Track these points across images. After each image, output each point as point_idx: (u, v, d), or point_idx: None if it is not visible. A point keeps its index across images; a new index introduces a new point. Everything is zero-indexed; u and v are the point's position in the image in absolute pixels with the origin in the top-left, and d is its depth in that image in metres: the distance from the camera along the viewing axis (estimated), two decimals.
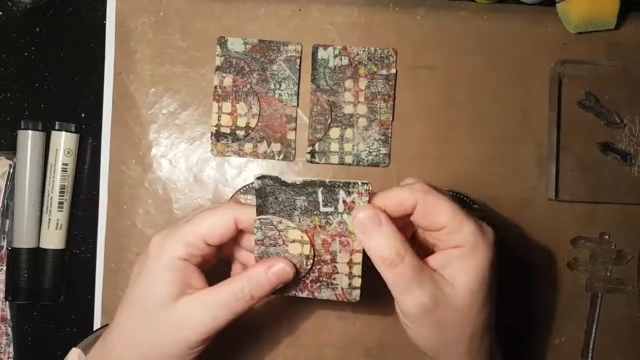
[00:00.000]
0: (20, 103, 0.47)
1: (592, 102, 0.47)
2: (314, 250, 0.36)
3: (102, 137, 0.47)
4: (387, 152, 0.47)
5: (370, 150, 0.47)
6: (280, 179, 0.34)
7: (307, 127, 0.47)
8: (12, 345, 0.47)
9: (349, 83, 0.47)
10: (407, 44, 0.47)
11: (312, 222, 0.35)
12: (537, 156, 0.48)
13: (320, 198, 0.34)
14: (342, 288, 0.37)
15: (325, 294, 0.37)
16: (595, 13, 0.45)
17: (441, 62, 0.47)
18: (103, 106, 0.47)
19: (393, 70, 0.47)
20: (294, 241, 0.36)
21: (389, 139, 0.47)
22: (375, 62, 0.47)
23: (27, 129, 0.45)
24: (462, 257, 0.34)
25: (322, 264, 0.36)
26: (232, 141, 0.47)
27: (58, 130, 0.46)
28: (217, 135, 0.47)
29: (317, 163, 0.47)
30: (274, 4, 0.47)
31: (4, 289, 0.46)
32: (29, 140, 0.46)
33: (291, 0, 0.47)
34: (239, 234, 0.36)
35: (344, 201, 0.34)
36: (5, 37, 0.47)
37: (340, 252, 0.36)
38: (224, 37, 0.47)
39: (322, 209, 0.35)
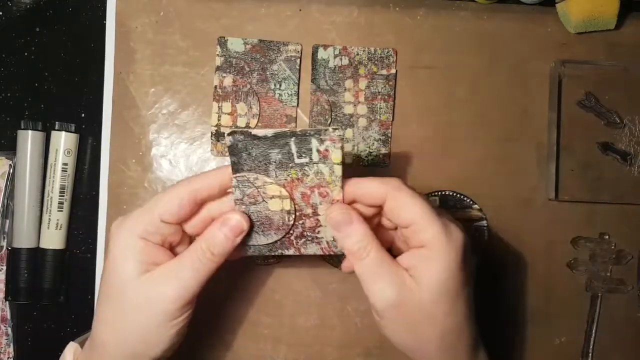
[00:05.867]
0: (20, 103, 0.47)
1: (592, 102, 0.47)
2: (294, 204, 0.35)
3: (102, 137, 0.47)
4: (387, 152, 0.47)
5: (370, 150, 0.47)
6: (250, 132, 0.33)
7: (307, 127, 0.47)
8: (12, 345, 0.47)
9: (349, 83, 0.47)
10: (407, 44, 0.47)
11: (288, 175, 0.34)
12: (537, 156, 0.48)
13: (294, 149, 0.33)
14: (326, 241, 0.36)
15: (311, 249, 0.37)
16: (595, 13, 0.45)
17: (441, 62, 0.47)
18: (103, 106, 0.47)
19: (393, 70, 0.47)
20: (273, 197, 0.35)
21: (389, 139, 0.47)
22: (375, 62, 0.47)
23: (27, 129, 0.45)
24: (426, 258, 0.34)
25: (304, 218, 0.36)
26: None
27: (58, 130, 0.46)
28: (217, 135, 0.47)
29: None
30: (274, 4, 0.47)
31: (4, 289, 0.46)
32: (29, 140, 0.46)
33: (291, 0, 0.47)
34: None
35: (318, 150, 0.33)
36: (5, 37, 0.47)
37: (320, 204, 0.35)
38: (224, 37, 0.47)
39: (297, 160, 0.34)
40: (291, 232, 0.36)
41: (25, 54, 0.47)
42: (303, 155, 0.34)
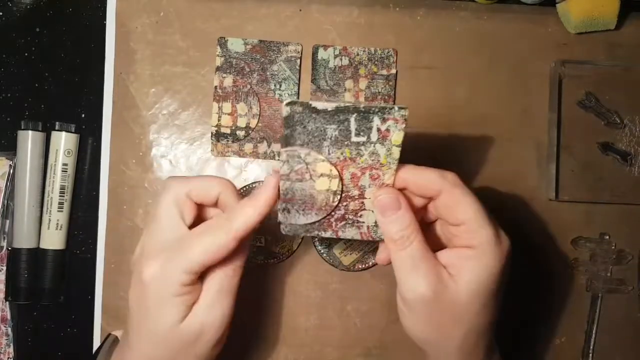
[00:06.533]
0: (20, 103, 0.47)
1: (592, 102, 0.47)
2: (342, 185, 0.33)
3: (102, 137, 0.47)
4: None
5: None
6: (310, 104, 0.31)
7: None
8: (12, 345, 0.47)
9: (349, 83, 0.47)
10: (407, 44, 0.47)
11: (342, 153, 0.33)
12: (537, 156, 0.48)
13: (353, 126, 0.32)
14: (367, 226, 0.35)
15: (350, 232, 0.35)
16: (595, 13, 0.45)
17: (441, 62, 0.47)
18: (103, 106, 0.47)
19: (393, 71, 0.47)
20: (321, 175, 0.33)
21: None
22: (375, 62, 0.47)
23: (27, 129, 0.45)
24: (471, 258, 0.33)
25: (349, 200, 0.34)
26: (232, 141, 0.47)
27: (58, 130, 0.46)
28: (217, 136, 0.47)
29: None
30: (274, 4, 0.47)
31: (4, 289, 0.46)
32: (29, 140, 0.46)
33: (291, 1, 0.47)
34: None
35: (378, 129, 0.32)
36: (5, 37, 0.47)
37: (369, 186, 0.33)
38: (224, 37, 0.47)
39: (354, 138, 0.32)
40: (333, 213, 0.34)
41: (25, 54, 0.47)
42: (361, 133, 0.32)
